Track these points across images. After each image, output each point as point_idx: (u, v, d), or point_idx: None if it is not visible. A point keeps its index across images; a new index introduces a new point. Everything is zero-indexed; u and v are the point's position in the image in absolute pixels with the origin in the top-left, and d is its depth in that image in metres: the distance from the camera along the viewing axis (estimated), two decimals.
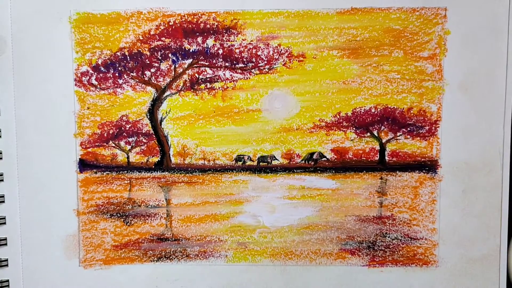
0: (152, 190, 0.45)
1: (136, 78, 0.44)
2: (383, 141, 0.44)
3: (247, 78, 0.44)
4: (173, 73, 0.44)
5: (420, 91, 0.43)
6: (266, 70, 0.43)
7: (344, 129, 0.44)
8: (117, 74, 0.44)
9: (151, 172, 0.45)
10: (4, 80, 0.43)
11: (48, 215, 0.44)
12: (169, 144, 0.44)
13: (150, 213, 0.45)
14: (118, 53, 0.43)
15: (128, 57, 0.43)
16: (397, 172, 0.44)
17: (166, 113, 0.44)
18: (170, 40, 0.43)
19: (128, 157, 0.45)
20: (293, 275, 0.45)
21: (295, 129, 0.44)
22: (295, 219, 0.45)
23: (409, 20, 0.43)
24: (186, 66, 0.44)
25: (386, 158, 0.44)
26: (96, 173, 0.44)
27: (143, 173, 0.45)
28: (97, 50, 0.43)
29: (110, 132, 0.44)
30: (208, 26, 0.43)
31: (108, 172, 0.44)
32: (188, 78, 0.44)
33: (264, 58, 0.43)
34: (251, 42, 0.43)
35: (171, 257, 0.45)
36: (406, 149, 0.44)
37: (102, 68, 0.43)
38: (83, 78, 0.44)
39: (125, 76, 0.44)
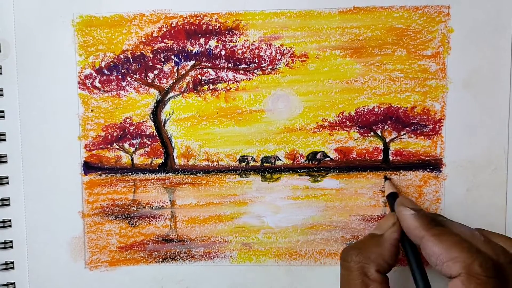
0: (156, 191, 0.45)
1: (139, 80, 0.44)
2: (387, 140, 0.44)
3: (250, 79, 0.43)
4: (176, 74, 0.44)
5: (423, 89, 0.43)
6: (269, 70, 0.43)
7: (347, 129, 0.44)
8: (120, 77, 0.44)
9: (155, 174, 0.45)
10: (8, 84, 0.44)
11: (54, 218, 0.44)
12: (173, 145, 0.44)
13: (155, 214, 0.45)
14: (121, 56, 0.43)
15: (131, 60, 0.43)
16: (401, 171, 0.44)
17: (169, 114, 0.44)
18: (172, 42, 0.43)
19: (132, 159, 0.45)
20: (297, 275, 0.45)
21: (299, 129, 0.44)
22: (299, 219, 0.45)
23: (412, 19, 0.42)
24: (189, 67, 0.44)
25: (390, 157, 0.44)
26: (100, 175, 0.45)
27: (147, 174, 0.45)
28: (100, 53, 0.43)
29: (114, 134, 0.44)
30: (211, 27, 0.43)
31: (112, 174, 0.45)
32: (191, 80, 0.44)
33: (267, 59, 0.43)
34: (254, 43, 0.43)
35: (176, 258, 0.45)
36: (410, 148, 0.44)
37: (106, 71, 0.44)
38: (87, 81, 0.44)
39: (128, 79, 0.44)
